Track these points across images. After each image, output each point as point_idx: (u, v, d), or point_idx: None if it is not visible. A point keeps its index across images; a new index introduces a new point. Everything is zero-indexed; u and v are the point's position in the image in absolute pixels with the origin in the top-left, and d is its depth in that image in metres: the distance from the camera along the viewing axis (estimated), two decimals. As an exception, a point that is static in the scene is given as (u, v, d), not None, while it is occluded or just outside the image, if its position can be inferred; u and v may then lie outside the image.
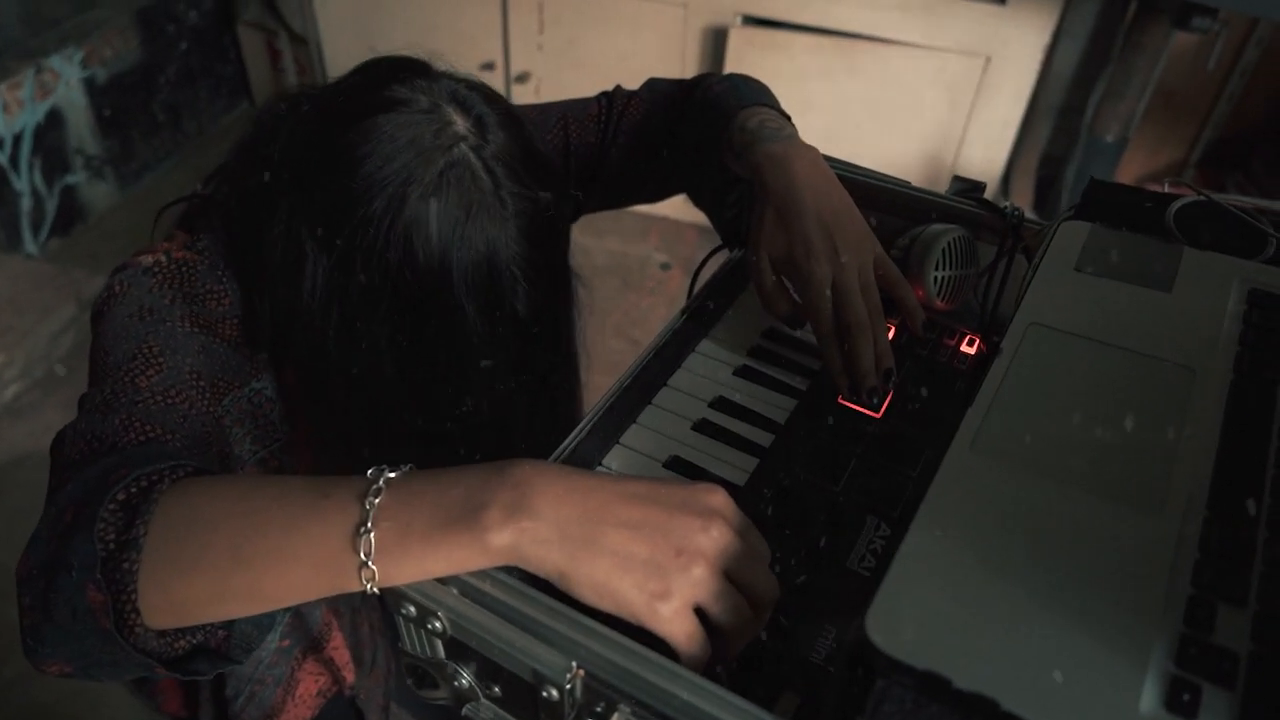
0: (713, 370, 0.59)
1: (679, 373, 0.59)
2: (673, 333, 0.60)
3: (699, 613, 0.37)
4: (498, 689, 0.39)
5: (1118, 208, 0.53)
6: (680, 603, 0.36)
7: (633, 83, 0.75)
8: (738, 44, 2.11)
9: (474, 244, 0.51)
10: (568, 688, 0.35)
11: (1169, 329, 0.44)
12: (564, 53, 2.30)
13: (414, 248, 0.50)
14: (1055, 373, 0.42)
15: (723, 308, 0.64)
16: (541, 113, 0.73)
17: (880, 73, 2.07)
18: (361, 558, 0.37)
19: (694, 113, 0.68)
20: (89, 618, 0.39)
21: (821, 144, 0.59)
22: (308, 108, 0.56)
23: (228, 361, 0.55)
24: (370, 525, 0.37)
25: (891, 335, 0.58)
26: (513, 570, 0.37)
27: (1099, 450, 0.38)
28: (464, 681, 0.39)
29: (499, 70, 2.36)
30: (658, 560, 0.36)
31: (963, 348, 0.60)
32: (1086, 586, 0.32)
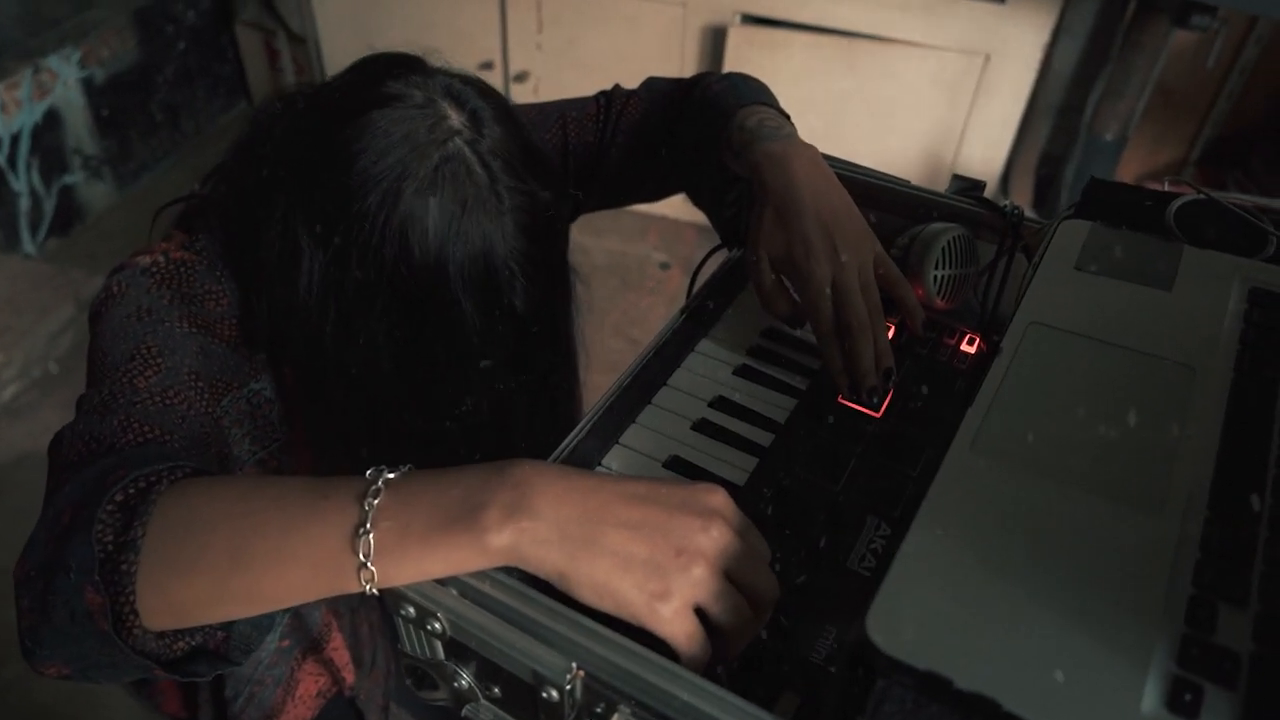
0: (712, 370, 0.59)
1: (678, 372, 0.59)
2: (672, 332, 0.59)
3: (699, 613, 0.37)
4: (497, 690, 0.38)
5: (1118, 206, 0.53)
6: (680, 603, 0.36)
7: (631, 82, 0.75)
8: (737, 43, 2.11)
9: (470, 239, 0.50)
10: (568, 688, 0.35)
11: (1169, 328, 0.44)
12: (562, 52, 2.29)
13: (409, 243, 0.50)
14: (1055, 372, 0.42)
15: (722, 307, 0.64)
16: (540, 112, 0.73)
17: (879, 71, 2.07)
18: (360, 559, 0.37)
19: (693, 112, 0.68)
20: (87, 620, 0.39)
21: (820, 143, 0.59)
22: (303, 105, 0.56)
23: (226, 362, 0.55)
24: (369, 526, 0.37)
25: (891, 334, 0.58)
26: (512, 571, 0.37)
27: (1099, 450, 0.38)
28: (463, 682, 0.39)
29: (497, 69, 2.36)
30: (658, 560, 0.36)
31: (963, 347, 0.60)
32: (1087, 586, 0.32)
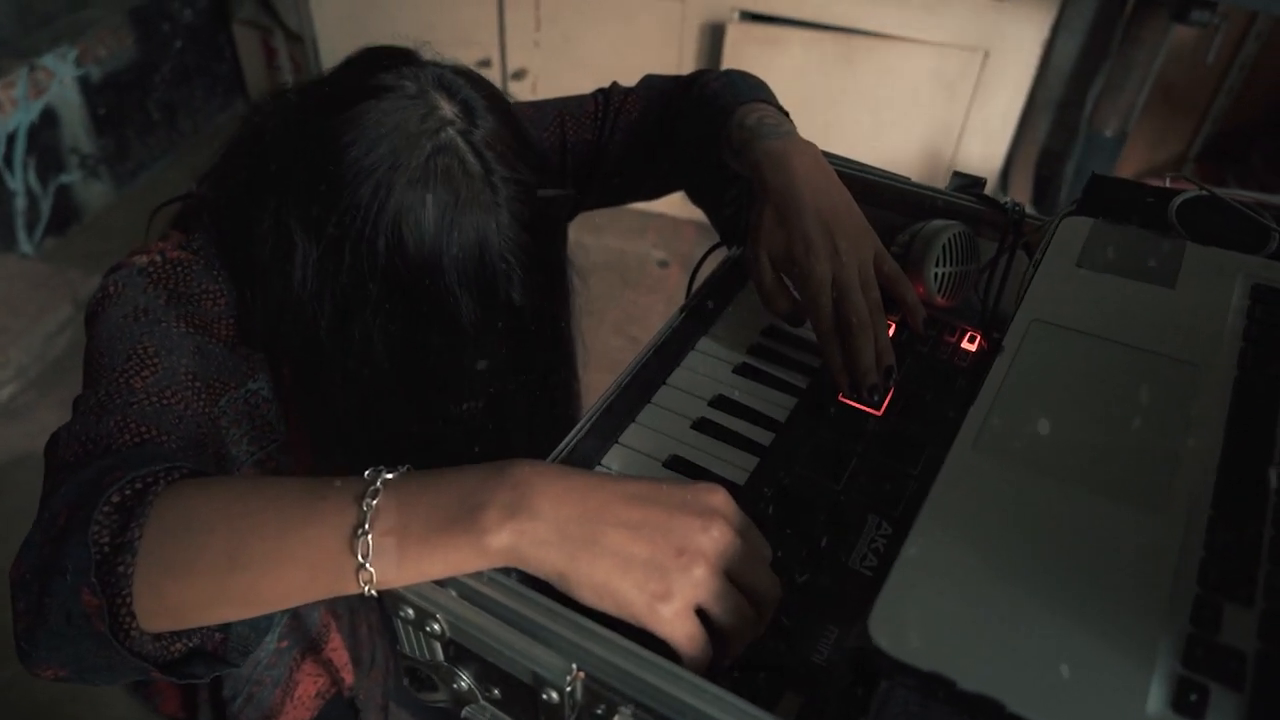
0: (712, 368, 0.59)
1: (678, 371, 0.58)
2: (672, 331, 0.59)
3: (700, 614, 0.37)
4: (497, 691, 0.38)
5: (1119, 203, 0.53)
6: (681, 603, 0.36)
7: (629, 79, 0.75)
8: (735, 39, 2.10)
9: (464, 230, 0.50)
10: (568, 690, 0.34)
11: (1172, 325, 0.43)
12: (560, 49, 2.29)
13: (403, 235, 0.49)
14: (1058, 370, 0.42)
15: (722, 305, 0.64)
16: (538, 110, 0.72)
17: (878, 68, 2.07)
18: (359, 560, 0.36)
19: (691, 110, 0.67)
20: (84, 622, 0.39)
21: (819, 139, 0.59)
22: (295, 100, 0.55)
23: (224, 362, 0.55)
24: (368, 527, 0.36)
25: (892, 332, 0.58)
26: (512, 572, 0.37)
27: (1102, 448, 0.38)
28: (463, 684, 0.39)
29: (495, 67, 2.36)
30: (658, 561, 0.36)
31: (964, 344, 0.60)
32: (1091, 586, 0.32)
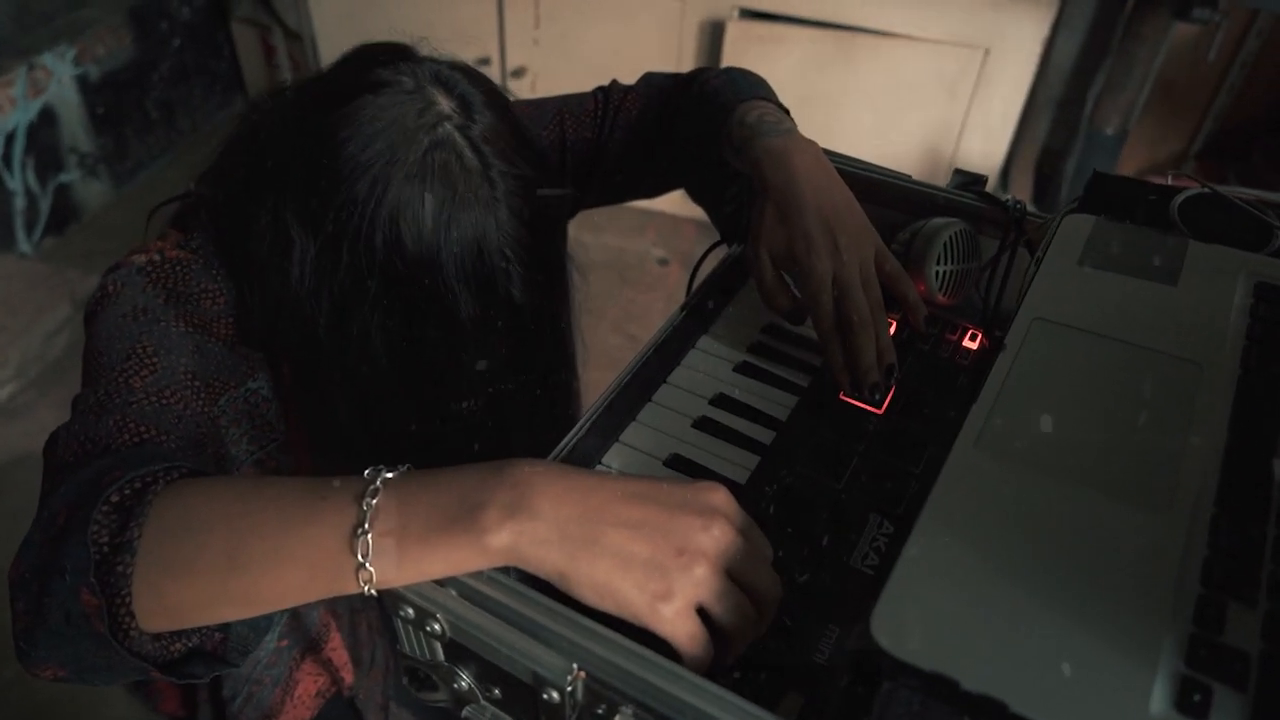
0: (713, 367, 0.59)
1: (679, 370, 0.58)
2: (672, 329, 0.59)
3: (701, 613, 0.36)
4: (498, 691, 0.38)
5: (1121, 201, 0.53)
6: (682, 603, 0.36)
7: (629, 77, 0.75)
8: (734, 37, 2.10)
9: (463, 226, 0.50)
10: (569, 690, 0.34)
11: (1175, 323, 0.43)
12: (560, 47, 2.28)
13: (400, 231, 0.49)
14: (1060, 368, 0.41)
15: (723, 304, 0.64)
16: (537, 108, 0.72)
17: (878, 66, 2.07)
18: (359, 559, 0.36)
19: (691, 107, 0.67)
20: (83, 622, 0.38)
21: (819, 137, 0.58)
22: (292, 97, 0.55)
23: (223, 361, 0.54)
24: (367, 526, 0.36)
25: (893, 331, 0.58)
26: (512, 571, 0.37)
27: (1105, 447, 0.37)
28: (463, 684, 0.39)
29: (495, 65, 2.35)
30: (659, 560, 0.36)
31: (965, 343, 0.60)
32: (1094, 586, 0.32)
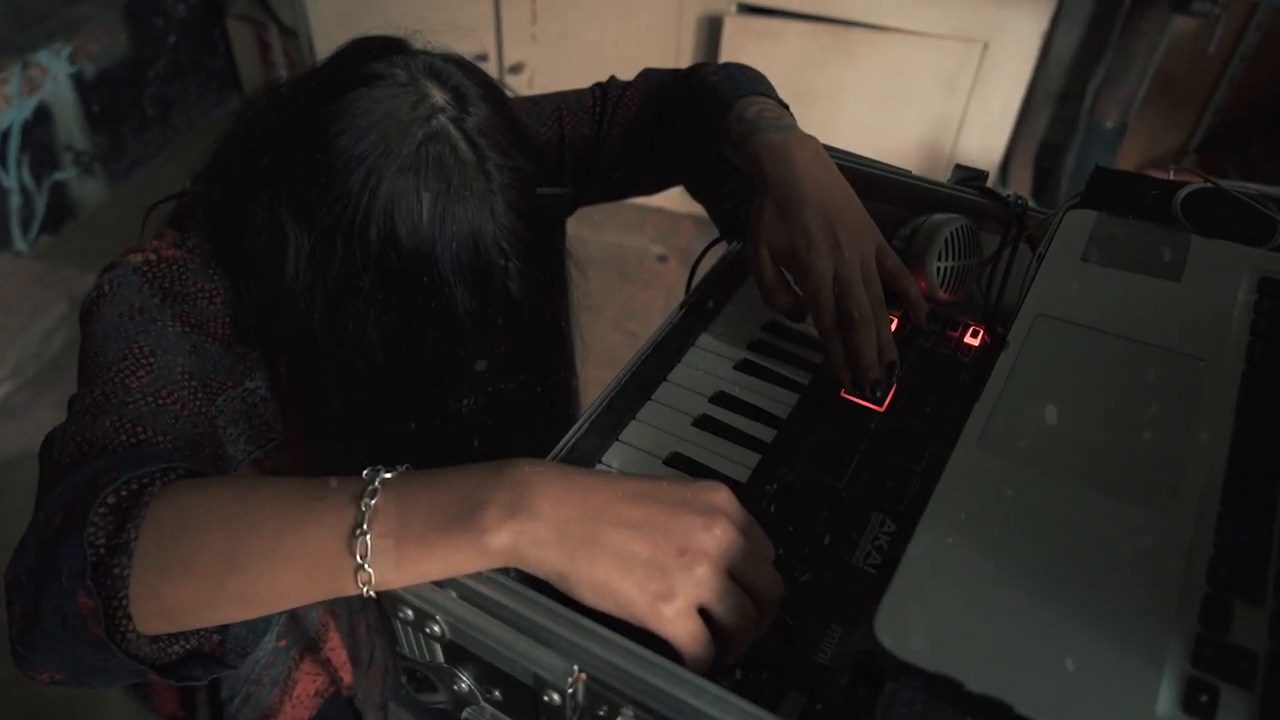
0: (713, 365, 0.58)
1: (679, 368, 0.58)
2: (672, 327, 0.59)
3: (702, 613, 0.36)
4: (498, 693, 0.38)
5: (1123, 196, 0.52)
6: (683, 603, 0.35)
7: (627, 73, 0.74)
8: (733, 32, 2.09)
9: (458, 219, 0.50)
10: (569, 691, 0.34)
11: (1179, 319, 0.43)
12: (557, 43, 2.28)
13: (395, 223, 0.49)
14: (1063, 365, 0.41)
15: (722, 301, 0.64)
16: (535, 105, 0.72)
17: (877, 60, 2.06)
18: (357, 560, 0.36)
19: (690, 103, 0.67)
20: (79, 624, 0.38)
21: (818, 132, 0.58)
22: (286, 92, 0.55)
23: (220, 361, 0.54)
24: (366, 527, 0.36)
25: (894, 327, 0.57)
26: (512, 572, 0.37)
27: (1109, 445, 0.37)
28: (463, 685, 0.38)
29: (492, 62, 2.35)
30: (660, 560, 0.35)
31: (966, 339, 0.59)
32: (1099, 585, 0.31)
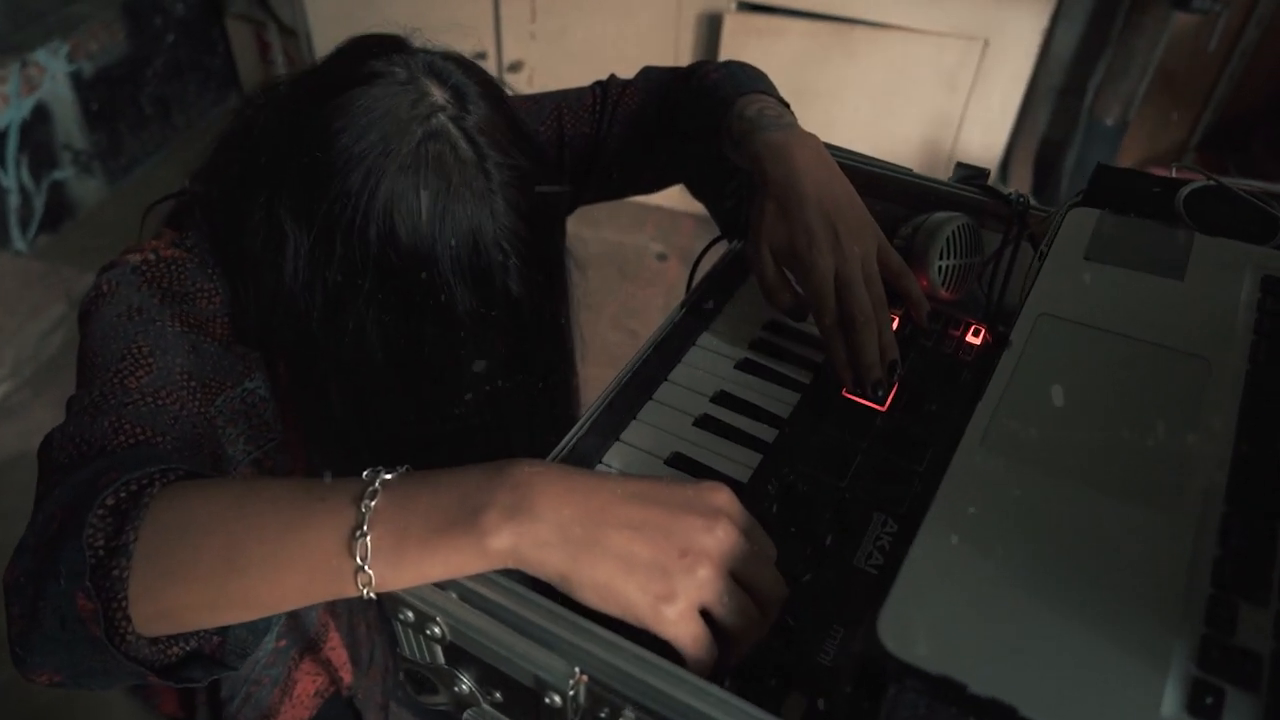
0: (714, 364, 0.58)
1: (679, 367, 0.58)
2: (672, 326, 0.58)
3: (704, 615, 0.36)
4: (499, 695, 0.38)
5: (1126, 194, 0.52)
6: (685, 605, 0.35)
7: (627, 71, 0.74)
8: (732, 29, 2.09)
9: (458, 218, 0.49)
10: (571, 694, 0.34)
11: (1182, 318, 0.43)
12: (556, 41, 2.27)
13: (395, 223, 0.49)
14: (1066, 365, 0.41)
15: (723, 300, 0.63)
16: (535, 104, 0.71)
17: (877, 57, 2.06)
18: (357, 562, 0.36)
19: (690, 101, 0.66)
20: (79, 626, 0.38)
21: (818, 130, 0.58)
22: (285, 90, 0.55)
23: (219, 361, 0.54)
24: (366, 529, 0.36)
25: (895, 326, 0.57)
26: (513, 574, 0.36)
27: (1112, 445, 0.37)
28: (464, 687, 0.38)
29: (491, 60, 2.34)
30: (661, 562, 0.35)
31: (968, 338, 0.59)
32: (1103, 587, 0.31)
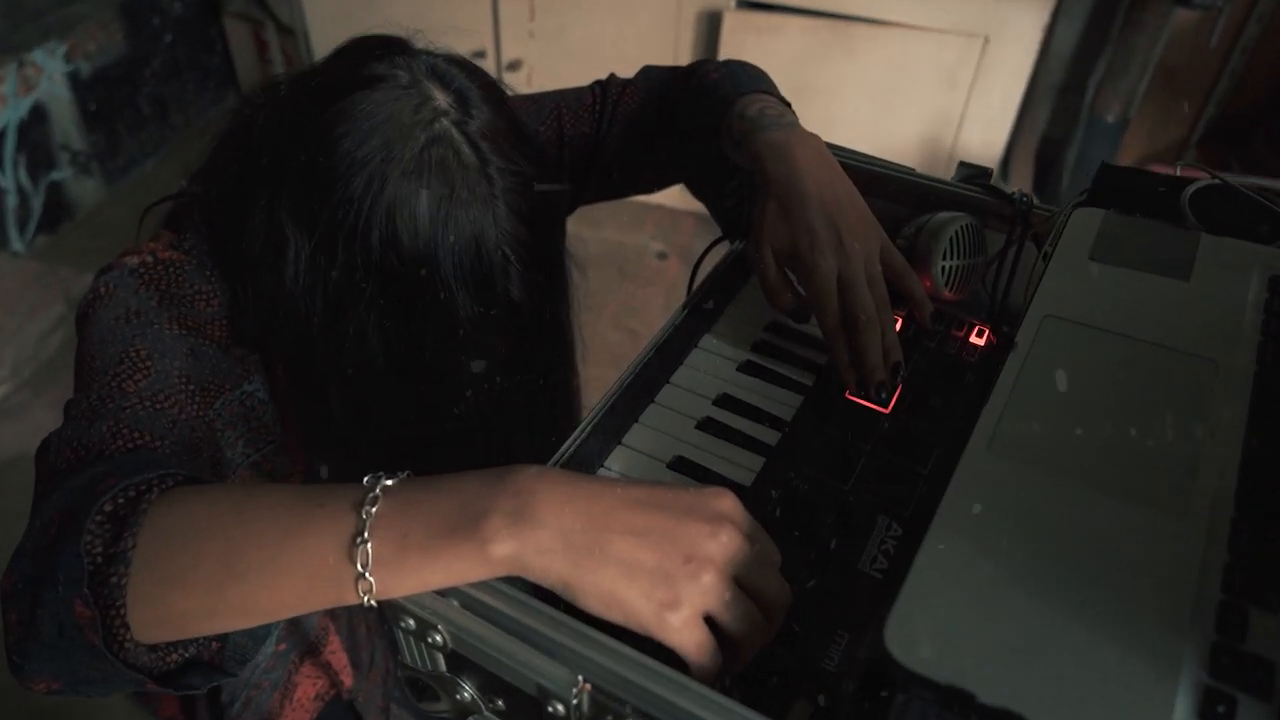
0: (716, 366, 0.58)
1: (681, 370, 0.57)
2: (674, 328, 0.58)
3: (709, 621, 0.36)
4: (502, 703, 0.37)
5: (1130, 193, 0.52)
6: (690, 612, 0.35)
7: (626, 70, 0.74)
8: (732, 27, 2.08)
9: (460, 224, 0.49)
10: (574, 702, 0.33)
11: (1189, 319, 0.42)
12: (555, 40, 2.27)
13: (397, 229, 0.48)
14: (1073, 368, 0.41)
15: (725, 302, 0.63)
16: (534, 103, 0.71)
17: (877, 55, 2.05)
18: (358, 569, 0.35)
19: (691, 101, 0.66)
20: (76, 634, 0.38)
21: (818, 128, 0.57)
22: (285, 91, 0.54)
23: (218, 364, 0.54)
24: (367, 535, 0.35)
25: (898, 327, 0.57)
26: (515, 581, 0.36)
27: (1120, 449, 0.37)
28: (466, 695, 0.38)
29: (490, 59, 2.33)
30: (666, 568, 0.35)
31: (972, 339, 0.59)
32: (1113, 593, 0.31)
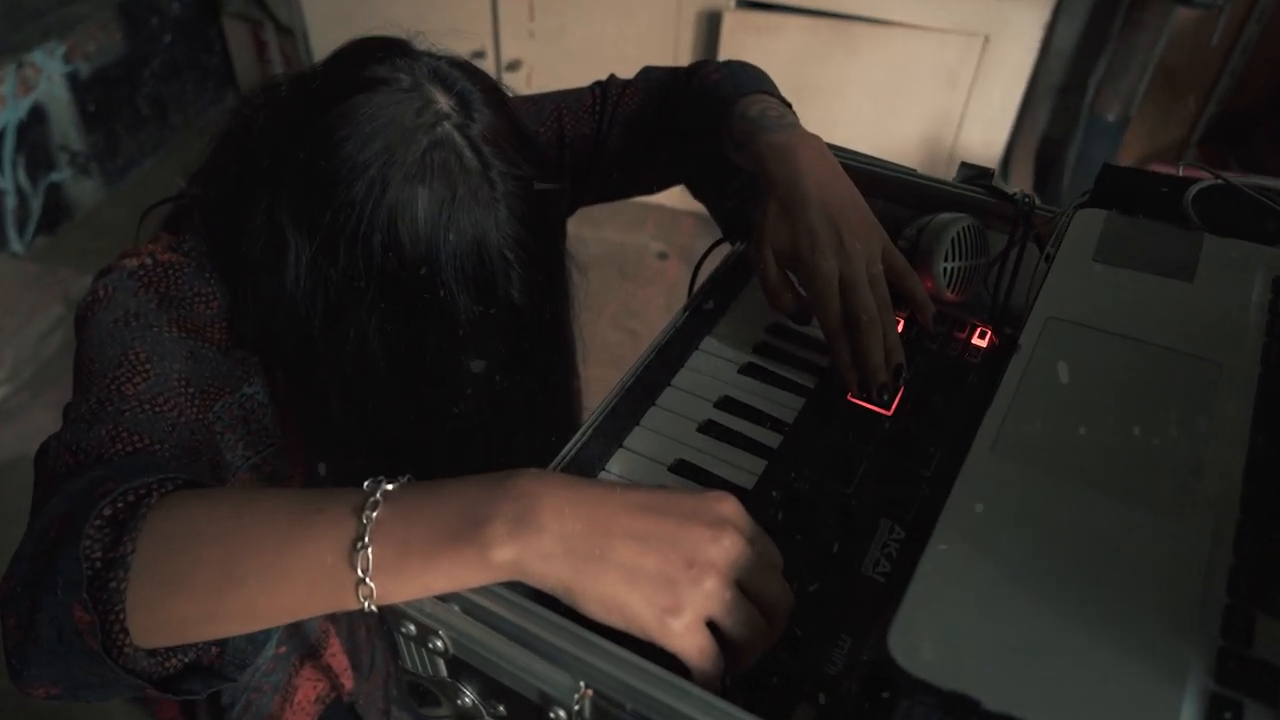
0: (717, 369, 0.58)
1: (682, 372, 0.57)
2: (675, 330, 0.58)
3: (711, 626, 0.35)
4: (503, 709, 0.37)
5: (1133, 194, 0.51)
6: (692, 617, 0.35)
7: (626, 70, 0.73)
8: (731, 27, 2.08)
9: (462, 228, 0.49)
10: (576, 708, 0.33)
11: (1192, 321, 0.42)
12: (555, 40, 2.26)
13: (399, 233, 0.48)
14: (1076, 370, 0.40)
15: (726, 303, 0.63)
16: (534, 104, 0.71)
17: (878, 55, 2.05)
18: (359, 574, 0.35)
19: (692, 101, 0.66)
20: (75, 638, 0.37)
21: (819, 128, 0.57)
22: (285, 93, 0.54)
23: (217, 367, 0.53)
24: (367, 540, 0.35)
25: (900, 329, 0.56)
26: (517, 586, 0.36)
27: (1124, 452, 0.36)
28: (467, 700, 0.38)
29: (490, 59, 2.33)
30: (668, 573, 0.35)
31: (974, 341, 0.59)
32: (1118, 598, 0.31)
